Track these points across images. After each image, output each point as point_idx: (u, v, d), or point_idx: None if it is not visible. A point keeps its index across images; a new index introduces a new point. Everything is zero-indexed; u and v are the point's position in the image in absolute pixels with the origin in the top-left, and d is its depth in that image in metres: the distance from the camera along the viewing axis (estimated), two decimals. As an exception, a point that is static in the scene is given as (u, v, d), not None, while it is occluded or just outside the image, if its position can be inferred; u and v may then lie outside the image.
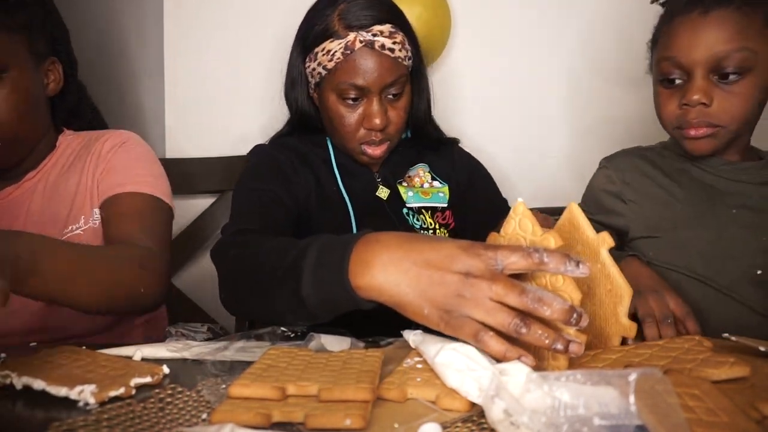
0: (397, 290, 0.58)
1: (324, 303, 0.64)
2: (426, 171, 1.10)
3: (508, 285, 0.55)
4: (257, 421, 0.49)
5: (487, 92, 1.52)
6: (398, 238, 0.61)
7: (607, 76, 1.50)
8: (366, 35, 0.95)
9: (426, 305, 0.57)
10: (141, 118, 1.47)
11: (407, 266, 0.58)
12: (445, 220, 1.06)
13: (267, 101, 1.46)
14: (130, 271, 0.81)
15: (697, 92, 0.86)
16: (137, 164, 0.98)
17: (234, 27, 1.48)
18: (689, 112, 0.88)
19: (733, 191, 0.92)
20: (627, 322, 0.65)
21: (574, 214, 0.67)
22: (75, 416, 0.51)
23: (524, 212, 0.63)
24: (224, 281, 0.81)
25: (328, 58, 0.97)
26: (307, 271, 0.63)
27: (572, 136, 1.53)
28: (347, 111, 0.99)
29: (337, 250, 0.62)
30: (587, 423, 0.44)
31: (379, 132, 0.99)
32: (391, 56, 0.96)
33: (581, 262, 0.55)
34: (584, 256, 0.66)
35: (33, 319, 0.88)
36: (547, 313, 0.54)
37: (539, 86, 1.52)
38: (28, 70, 0.92)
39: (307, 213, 1.00)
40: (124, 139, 1.00)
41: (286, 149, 1.05)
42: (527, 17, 1.51)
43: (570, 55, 1.51)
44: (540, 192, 1.49)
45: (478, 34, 1.50)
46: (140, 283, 0.81)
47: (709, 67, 0.85)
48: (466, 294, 0.56)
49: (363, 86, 0.96)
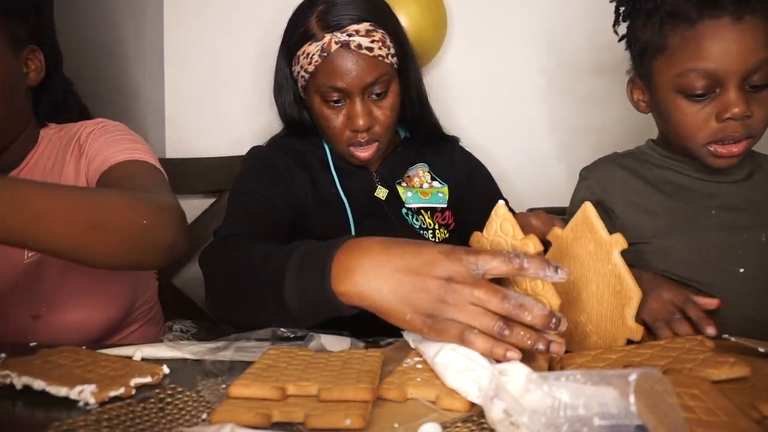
0: (379, 296, 0.59)
1: (306, 309, 0.64)
2: (425, 171, 1.10)
3: (490, 290, 0.56)
4: (257, 421, 0.49)
5: (484, 92, 1.52)
6: (380, 244, 0.61)
7: (607, 75, 1.50)
8: (341, 36, 0.94)
9: (408, 311, 0.58)
10: (141, 119, 1.47)
11: (389, 272, 0.59)
12: (445, 221, 1.06)
13: (267, 101, 1.47)
14: (147, 207, 0.74)
15: (739, 105, 0.80)
16: (122, 139, 0.95)
17: (234, 27, 1.48)
18: (729, 126, 0.82)
19: (713, 192, 0.92)
20: (634, 324, 0.65)
21: (588, 214, 0.67)
22: (75, 416, 0.51)
23: (505, 215, 0.64)
24: (211, 286, 0.81)
25: (308, 62, 0.96)
26: (289, 277, 0.64)
27: (569, 136, 1.53)
28: (331, 113, 0.98)
29: (319, 257, 0.63)
30: (587, 423, 0.44)
31: (365, 133, 0.98)
32: (370, 55, 0.95)
33: (559, 267, 0.57)
34: (596, 255, 0.66)
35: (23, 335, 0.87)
36: (528, 319, 0.56)
37: (536, 86, 1.52)
38: (5, 56, 0.88)
39: (304, 215, 1.00)
40: (99, 122, 0.98)
41: (283, 151, 1.05)
42: (525, 16, 1.51)
43: (569, 53, 1.51)
44: (535, 191, 1.49)
45: (474, 33, 1.50)
46: (141, 216, 0.73)
47: (744, 77, 0.81)
48: (448, 299, 0.57)
49: (343, 88, 0.95)
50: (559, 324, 0.56)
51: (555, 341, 0.57)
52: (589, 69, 1.50)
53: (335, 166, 1.05)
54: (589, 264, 0.67)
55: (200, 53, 1.48)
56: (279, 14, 1.45)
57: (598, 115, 1.51)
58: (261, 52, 1.47)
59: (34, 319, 0.87)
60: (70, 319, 0.88)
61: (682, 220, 0.91)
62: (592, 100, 1.51)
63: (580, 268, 0.68)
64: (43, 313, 0.87)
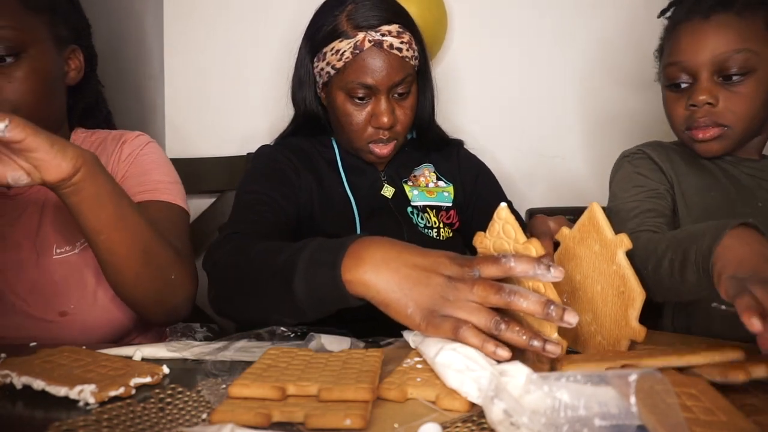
0: (384, 287, 0.61)
1: (313, 297, 0.65)
2: (431, 171, 1.12)
3: (486, 286, 0.59)
4: (257, 421, 0.49)
5: (484, 92, 1.51)
6: (393, 242, 0.65)
7: (610, 73, 1.50)
8: (375, 35, 0.96)
9: (411, 304, 0.60)
10: (141, 118, 1.47)
11: (397, 266, 0.61)
12: (450, 220, 1.08)
13: (267, 101, 1.47)
14: (166, 252, 0.82)
15: (703, 93, 0.89)
16: (156, 170, 0.97)
17: (234, 27, 1.48)
18: (696, 113, 0.91)
19: (755, 187, 0.92)
20: (637, 325, 0.65)
21: (595, 214, 0.67)
22: (75, 416, 0.51)
23: (507, 218, 0.64)
24: (214, 279, 0.82)
25: (337, 58, 0.98)
26: (301, 266, 0.66)
27: (572, 135, 1.53)
28: (355, 110, 1.00)
29: (334, 247, 0.65)
30: (587, 424, 0.44)
31: (387, 131, 1.01)
32: (399, 55, 0.98)
33: (552, 266, 0.58)
34: (602, 256, 0.67)
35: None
36: (524, 305, 0.57)
37: (537, 86, 1.52)
38: (49, 53, 0.89)
39: (310, 213, 1.01)
40: (141, 144, 0.99)
41: (289, 150, 1.06)
42: (525, 16, 1.51)
43: (569, 53, 1.51)
44: (536, 191, 1.49)
45: (474, 34, 1.50)
46: (173, 269, 0.83)
47: (713, 69, 0.89)
48: (449, 296, 0.59)
49: (371, 85, 0.98)
50: (564, 314, 0.57)
51: (551, 341, 0.58)
52: (591, 69, 1.50)
53: (343, 165, 1.07)
54: (595, 264, 0.67)
55: (200, 53, 1.48)
56: (279, 15, 1.47)
57: (600, 115, 1.51)
58: (261, 51, 1.47)
59: (62, 315, 0.87)
60: (96, 317, 0.88)
61: (733, 201, 0.91)
62: (594, 100, 1.51)
63: (586, 268, 0.68)
64: (72, 311, 0.86)
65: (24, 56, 0.85)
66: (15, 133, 0.63)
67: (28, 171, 0.68)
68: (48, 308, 0.86)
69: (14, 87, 0.84)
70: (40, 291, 0.87)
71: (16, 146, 0.65)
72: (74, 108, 1.01)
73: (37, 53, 0.86)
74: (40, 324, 0.86)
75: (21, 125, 0.64)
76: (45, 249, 0.89)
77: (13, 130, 0.63)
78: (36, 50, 0.86)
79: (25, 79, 0.85)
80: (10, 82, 0.83)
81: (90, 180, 0.71)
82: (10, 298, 0.87)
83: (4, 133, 0.63)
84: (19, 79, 0.84)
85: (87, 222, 0.74)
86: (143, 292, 0.82)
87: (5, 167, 0.67)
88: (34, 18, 0.86)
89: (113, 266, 0.79)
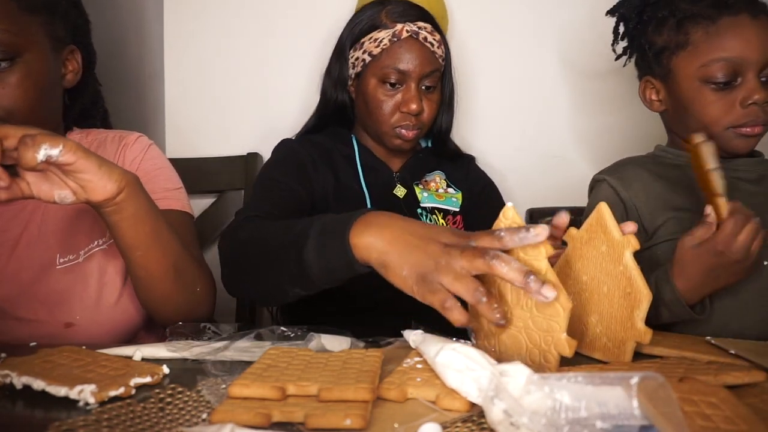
0: (385, 249, 0.64)
1: (322, 263, 0.68)
2: (442, 178, 1.19)
3: (475, 251, 0.60)
4: (257, 421, 0.49)
5: (484, 92, 1.51)
6: (403, 217, 0.68)
7: (611, 73, 1.49)
8: (412, 26, 1.06)
9: (406, 267, 0.63)
10: (142, 118, 1.47)
11: (401, 233, 0.65)
12: (456, 224, 1.13)
13: (267, 101, 1.47)
14: (192, 266, 0.84)
15: (760, 92, 0.90)
16: (161, 176, 0.96)
17: (234, 27, 1.48)
18: (753, 111, 0.91)
19: (731, 189, 0.92)
20: (642, 327, 0.64)
21: (603, 215, 0.67)
22: (75, 416, 0.51)
23: (513, 218, 0.64)
24: (227, 258, 0.85)
25: (375, 45, 1.07)
26: (312, 236, 0.69)
27: (572, 135, 1.53)
28: (385, 95, 1.08)
29: (344, 218, 0.68)
30: (588, 425, 0.44)
31: (414, 117, 1.07)
32: (431, 49, 1.08)
33: (533, 227, 0.59)
34: (608, 257, 0.66)
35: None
36: (504, 270, 0.58)
37: (537, 86, 1.52)
38: (46, 55, 0.86)
39: (325, 206, 1.06)
40: (143, 148, 0.97)
41: (310, 145, 1.12)
42: (526, 16, 1.51)
43: (569, 53, 1.51)
44: (536, 191, 1.48)
45: (475, 34, 1.50)
46: (199, 282, 0.85)
47: (761, 67, 0.91)
48: (441, 261, 0.61)
49: (405, 70, 1.06)
50: (541, 288, 0.56)
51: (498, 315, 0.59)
52: (592, 69, 1.50)
53: (361, 162, 1.13)
54: (602, 265, 0.67)
55: (201, 53, 1.48)
56: (279, 15, 1.47)
57: (601, 115, 1.51)
58: (261, 51, 1.47)
59: (67, 326, 0.85)
60: (101, 325, 0.87)
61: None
62: (596, 102, 1.51)
63: (593, 269, 0.68)
64: (78, 321, 0.85)
65: (19, 60, 0.82)
66: (67, 157, 0.65)
67: (74, 190, 0.69)
68: (52, 319, 0.85)
69: (8, 93, 0.81)
70: (42, 302, 0.85)
71: (67, 168, 0.66)
72: (71, 109, 0.99)
73: (32, 57, 0.84)
74: (45, 333, 0.84)
75: (73, 149, 0.65)
76: (48, 258, 0.87)
77: (65, 155, 0.64)
78: (32, 54, 0.84)
79: (19, 85, 0.82)
80: (3, 88, 0.81)
81: (132, 200, 0.73)
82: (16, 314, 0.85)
83: (57, 158, 0.64)
84: (13, 84, 0.82)
85: (125, 239, 0.76)
86: (174, 306, 0.83)
87: (53, 185, 0.69)
88: (30, 19, 0.84)
89: (147, 281, 0.80)
